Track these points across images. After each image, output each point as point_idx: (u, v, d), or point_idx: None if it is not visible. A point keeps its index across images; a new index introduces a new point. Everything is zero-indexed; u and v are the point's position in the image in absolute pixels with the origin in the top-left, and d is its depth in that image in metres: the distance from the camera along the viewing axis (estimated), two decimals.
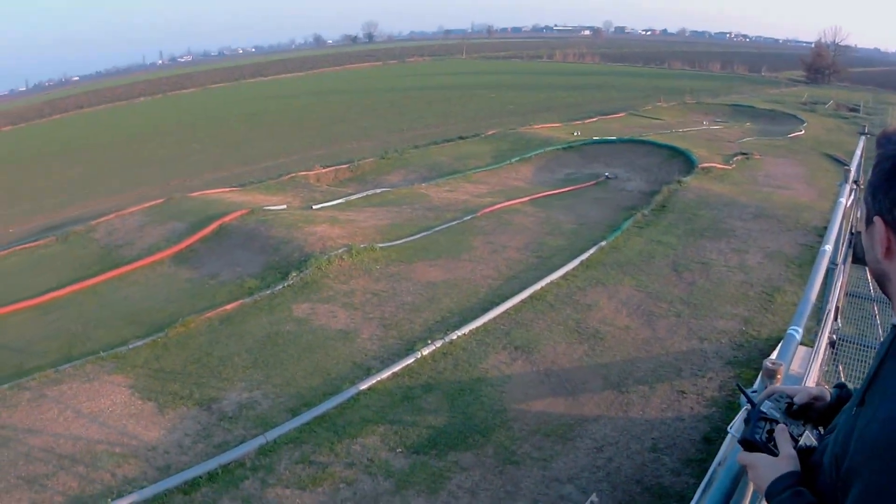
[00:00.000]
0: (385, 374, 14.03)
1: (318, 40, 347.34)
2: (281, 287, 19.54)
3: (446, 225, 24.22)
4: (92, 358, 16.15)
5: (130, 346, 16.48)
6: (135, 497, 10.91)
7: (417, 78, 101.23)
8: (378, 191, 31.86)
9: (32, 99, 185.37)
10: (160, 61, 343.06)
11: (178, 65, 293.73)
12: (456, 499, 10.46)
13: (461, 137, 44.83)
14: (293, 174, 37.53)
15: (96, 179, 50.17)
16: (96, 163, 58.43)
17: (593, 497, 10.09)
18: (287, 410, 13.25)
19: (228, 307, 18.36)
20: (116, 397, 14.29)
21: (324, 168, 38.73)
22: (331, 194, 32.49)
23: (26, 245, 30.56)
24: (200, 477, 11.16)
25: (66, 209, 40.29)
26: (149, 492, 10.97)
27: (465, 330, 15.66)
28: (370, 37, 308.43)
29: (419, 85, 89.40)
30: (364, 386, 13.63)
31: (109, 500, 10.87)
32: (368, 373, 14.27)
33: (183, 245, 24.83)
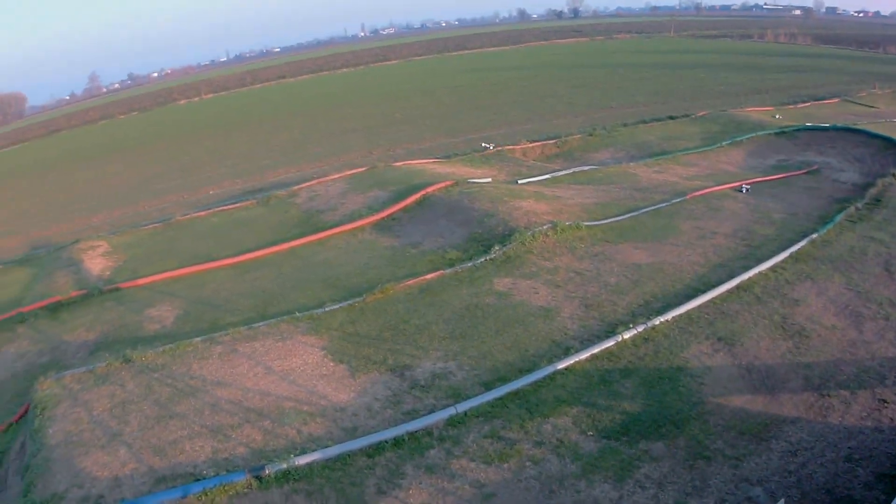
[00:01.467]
0: (583, 356, 13.76)
1: (523, 14, 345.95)
2: (483, 260, 19.59)
3: (653, 207, 23.43)
4: (287, 318, 16.80)
5: (326, 309, 17.00)
6: (318, 455, 11.25)
7: (624, 55, 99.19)
8: (585, 168, 31.27)
9: (234, 68, 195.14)
10: (361, 34, 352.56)
11: (380, 37, 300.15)
12: (642, 489, 10.19)
13: (670, 117, 43.39)
14: (499, 147, 37.33)
15: (299, 147, 52.22)
16: (299, 131, 60.68)
17: (781, 503, 9.44)
18: (480, 384, 13.27)
19: (429, 277, 18.51)
20: (308, 357, 14.81)
21: (530, 143, 38.40)
22: (537, 169, 32.22)
23: (227, 207, 32.54)
24: (386, 442, 11.37)
25: (266, 174, 42.07)
26: (333, 451, 11.31)
27: (668, 316, 15.06)
28: (576, 12, 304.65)
29: (626, 62, 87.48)
30: (561, 365, 13.43)
31: (292, 455, 11.24)
32: (567, 352, 14.03)
33: (385, 213, 25.28)
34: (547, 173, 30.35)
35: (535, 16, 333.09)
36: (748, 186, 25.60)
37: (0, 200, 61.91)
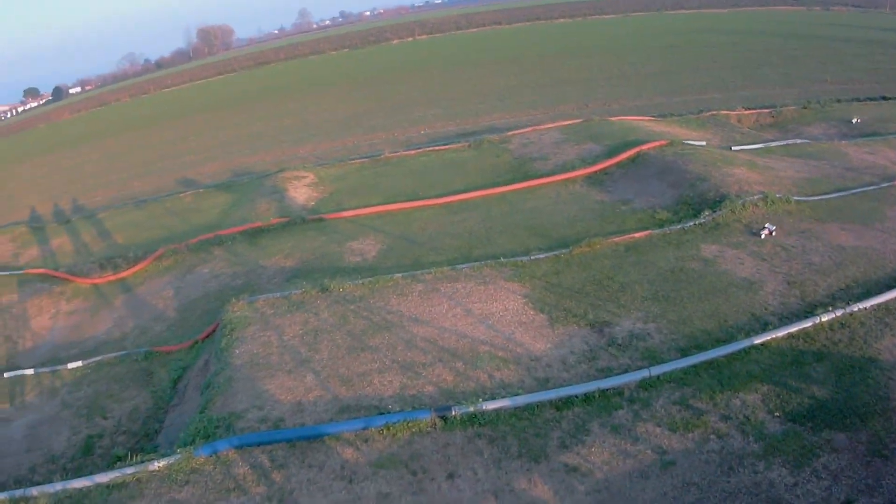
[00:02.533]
0: (780, 333, 13.13)
1: None
2: (692, 224, 19.00)
3: (862, 189, 22.05)
4: (491, 262, 16.98)
5: (532, 258, 17.03)
6: (506, 402, 11.35)
7: (843, 28, 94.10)
8: (798, 141, 29.76)
9: (448, 11, 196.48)
10: None
11: None
12: (818, 479, 9.70)
13: (884, 98, 40.79)
14: (714, 112, 36.23)
15: (514, 93, 52.22)
16: (515, 77, 60.61)
17: None
18: (677, 349, 12.96)
19: (637, 235, 18.22)
20: (509, 303, 14.88)
21: (746, 110, 37.01)
22: (751, 137, 30.93)
23: (438, 147, 33.12)
24: (576, 397, 11.31)
25: (480, 118, 42.39)
26: (521, 400, 11.37)
27: (868, 304, 14.11)
28: None
29: (845, 36, 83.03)
30: (758, 340, 12.91)
31: (481, 399, 11.39)
32: (765, 328, 13.44)
33: (598, 167, 24.99)
34: (760, 142, 29.14)
35: None
36: None
37: (205, 129, 65.54)
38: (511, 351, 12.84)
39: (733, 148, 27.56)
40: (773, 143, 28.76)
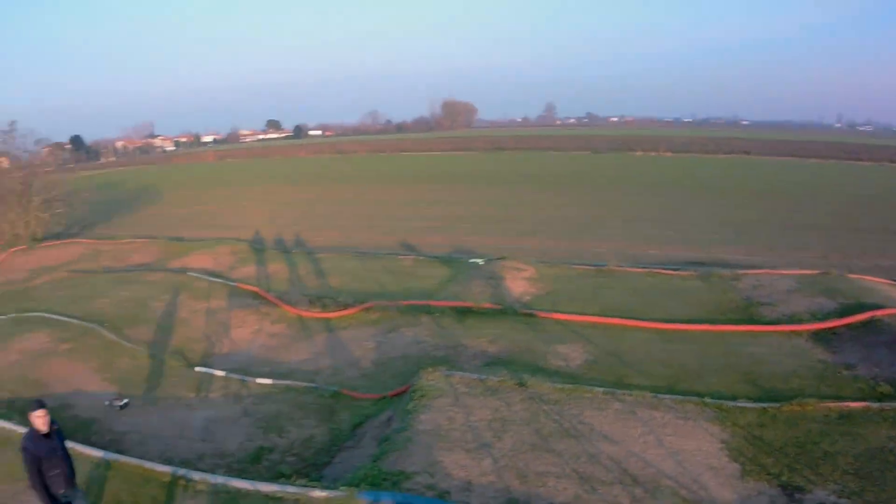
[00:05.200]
0: None
1: None
2: None
3: None
4: (695, 399, 16.74)
5: (738, 404, 16.62)
6: None
7: None
8: None
9: (696, 131, 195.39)
10: (837, 124, 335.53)
11: (857, 133, 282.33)
12: None
13: None
14: None
15: (751, 229, 50.85)
16: (755, 211, 59.03)
17: None
18: None
19: (852, 404, 17.39)
20: (704, 445, 14.64)
21: None
22: None
23: (666, 271, 33.08)
24: None
25: (712, 249, 41.57)
26: None
27: None
28: None
29: None
30: None
31: None
32: None
33: (827, 324, 24.08)
34: None
35: None
36: None
37: (435, 200, 67.66)
38: (694, 493, 12.55)
39: None
40: None
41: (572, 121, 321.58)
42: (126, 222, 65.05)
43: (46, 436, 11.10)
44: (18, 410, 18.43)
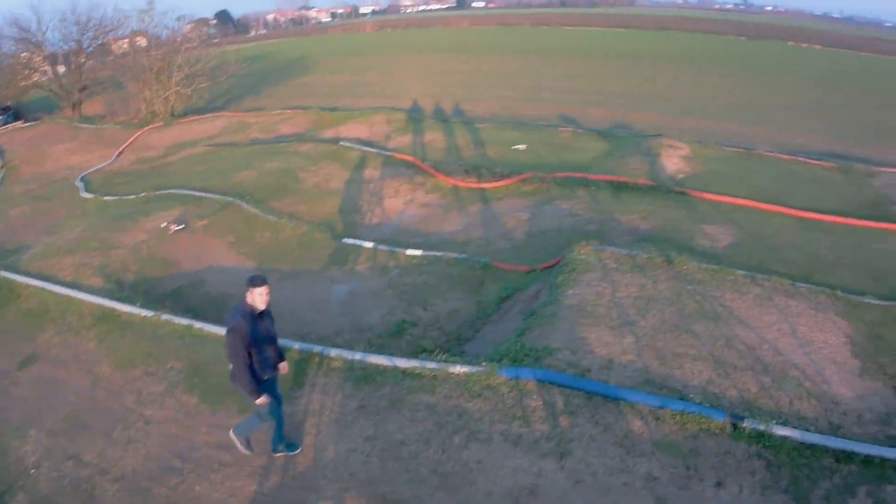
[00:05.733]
0: None
1: None
2: None
3: None
4: (828, 291, 16.33)
5: (865, 300, 16.13)
6: (795, 433, 11.08)
7: None
8: None
9: (845, 27, 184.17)
10: None
11: None
12: None
13: None
14: None
15: (893, 127, 47.95)
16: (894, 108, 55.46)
17: None
18: None
19: None
20: (831, 338, 14.38)
21: None
22: None
23: (810, 160, 31.82)
24: (857, 455, 10.76)
25: (863, 145, 39.54)
26: (809, 437, 11.04)
27: None
28: None
29: None
30: None
31: (774, 421, 11.26)
32: None
33: None
34: None
35: None
36: None
37: (595, 74, 66.16)
38: (817, 385, 12.54)
39: None
40: None
41: (730, 6, 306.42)
42: (276, 93, 64.02)
43: (260, 315, 10.37)
44: (143, 293, 18.38)
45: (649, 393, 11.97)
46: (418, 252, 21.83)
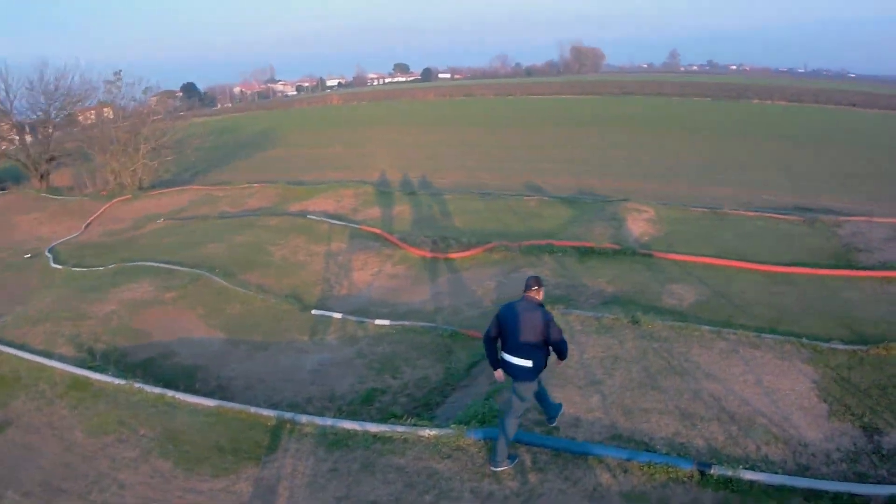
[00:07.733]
0: None
1: None
2: None
3: None
4: (794, 340, 16.73)
5: (830, 345, 16.58)
6: (763, 477, 11.32)
7: None
8: None
9: (811, 82, 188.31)
10: None
11: None
12: None
13: None
14: None
15: (864, 180, 49.10)
16: (867, 164, 56.82)
17: None
18: None
19: None
20: (798, 385, 14.72)
21: None
22: None
23: (775, 215, 32.78)
24: (827, 493, 10.97)
25: (821, 198, 40.56)
26: (777, 479, 11.28)
27: None
28: None
29: None
30: None
31: (741, 466, 11.49)
32: None
33: None
34: None
35: None
36: None
37: (561, 143, 67.65)
38: (785, 430, 12.78)
39: None
40: None
41: (695, 68, 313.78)
42: (243, 166, 65.26)
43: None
44: (114, 362, 18.37)
45: (617, 447, 12.21)
46: (386, 322, 22.02)
